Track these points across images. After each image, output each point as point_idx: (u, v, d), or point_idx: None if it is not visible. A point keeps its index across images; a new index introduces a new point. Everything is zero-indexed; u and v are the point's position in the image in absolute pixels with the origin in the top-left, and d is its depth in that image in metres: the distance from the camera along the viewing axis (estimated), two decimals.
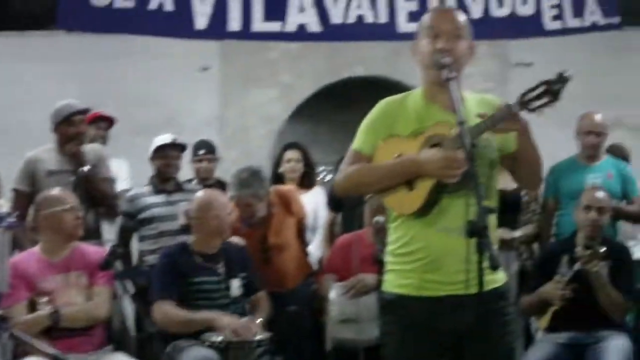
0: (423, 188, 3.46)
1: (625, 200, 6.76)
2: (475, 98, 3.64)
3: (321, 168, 10.36)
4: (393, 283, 3.63)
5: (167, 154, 6.74)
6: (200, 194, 5.83)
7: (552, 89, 3.25)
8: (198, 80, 9.47)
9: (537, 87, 3.29)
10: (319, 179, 9.58)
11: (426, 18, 3.65)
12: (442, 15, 3.69)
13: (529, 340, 6.16)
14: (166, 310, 5.29)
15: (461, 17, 3.65)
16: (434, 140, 3.47)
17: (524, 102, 3.30)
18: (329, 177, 10.07)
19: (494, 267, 3.06)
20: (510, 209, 6.22)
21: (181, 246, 5.68)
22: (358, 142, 3.66)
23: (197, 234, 5.66)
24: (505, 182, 3.98)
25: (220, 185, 7.48)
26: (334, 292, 5.72)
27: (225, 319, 5.19)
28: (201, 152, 7.44)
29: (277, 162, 7.53)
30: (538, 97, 3.27)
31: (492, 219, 3.45)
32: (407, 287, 3.56)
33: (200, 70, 9.47)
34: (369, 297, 5.55)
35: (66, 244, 5.37)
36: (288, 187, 6.76)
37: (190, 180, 7.09)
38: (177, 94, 9.38)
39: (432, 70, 3.51)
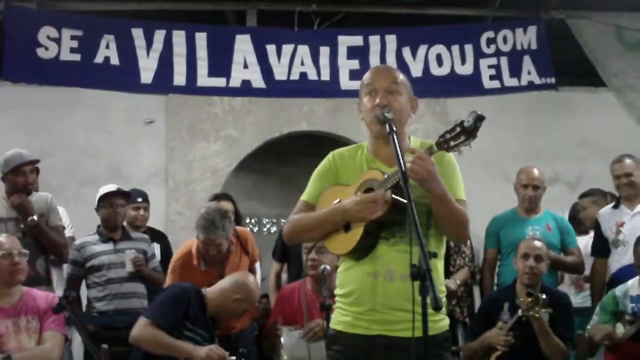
0: (357, 231, 3.61)
1: (563, 251, 6.96)
2: (421, 144, 3.74)
3: (265, 220, 10.50)
4: (335, 320, 3.80)
5: (112, 202, 6.84)
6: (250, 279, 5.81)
7: (467, 128, 3.35)
8: (144, 133, 9.52)
9: (453, 128, 3.42)
10: (264, 229, 9.74)
11: (365, 77, 3.81)
12: (379, 72, 3.85)
13: None
14: (154, 330, 5.30)
15: (398, 74, 3.80)
16: (367, 185, 3.64)
17: (442, 142, 3.43)
18: (273, 230, 10.16)
19: (437, 309, 3.08)
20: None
21: (200, 296, 5.63)
22: (306, 192, 3.84)
23: (218, 308, 5.65)
24: None
25: (152, 233, 7.58)
26: (284, 337, 5.79)
27: (203, 350, 5.25)
28: (139, 199, 7.52)
29: None
30: (455, 137, 3.39)
31: (436, 263, 3.60)
32: (343, 324, 3.73)
33: (145, 123, 9.54)
34: (319, 341, 5.64)
35: (6, 289, 5.39)
36: (244, 228, 6.84)
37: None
38: (123, 146, 9.43)
39: (375, 125, 3.66)
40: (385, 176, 3.55)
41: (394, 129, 3.51)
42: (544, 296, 5.54)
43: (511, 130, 9.75)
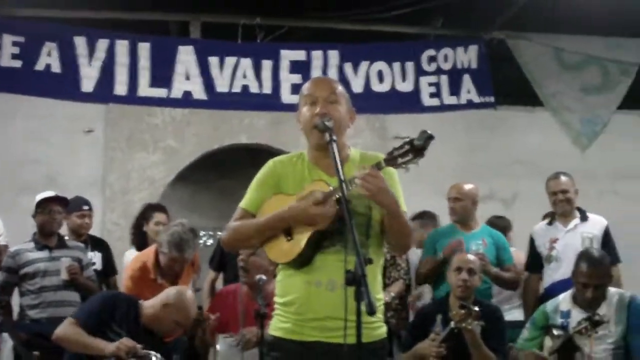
0: (301, 238, 3.66)
1: (499, 267, 7.04)
2: (361, 156, 3.82)
3: (202, 233, 10.45)
4: (274, 326, 3.83)
5: (49, 209, 6.80)
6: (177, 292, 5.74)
7: (416, 146, 3.41)
8: (82, 142, 9.46)
9: (402, 145, 3.47)
10: (200, 242, 9.70)
11: (304, 87, 3.87)
12: (319, 82, 3.94)
13: None
14: (75, 328, 5.28)
15: (337, 85, 3.88)
16: (308, 197, 3.66)
17: (390, 159, 3.49)
18: (209, 242, 10.14)
19: (371, 313, 3.15)
20: None
21: (133, 304, 5.62)
22: (245, 200, 3.86)
23: (154, 322, 5.60)
24: None
25: (93, 241, 7.54)
26: (219, 344, 5.80)
27: (112, 346, 5.23)
28: (85, 207, 7.47)
29: (141, 221, 7.60)
30: (403, 154, 3.45)
31: (375, 271, 3.66)
32: (283, 331, 3.76)
33: (84, 132, 9.49)
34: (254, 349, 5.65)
35: None
36: None
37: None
38: (60, 154, 9.36)
39: (315, 134, 3.72)
40: (331, 188, 3.58)
41: (334, 137, 3.59)
42: (476, 308, 5.58)
43: (449, 147, 9.85)
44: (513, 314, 7.37)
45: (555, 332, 5.71)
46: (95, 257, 7.46)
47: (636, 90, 10.73)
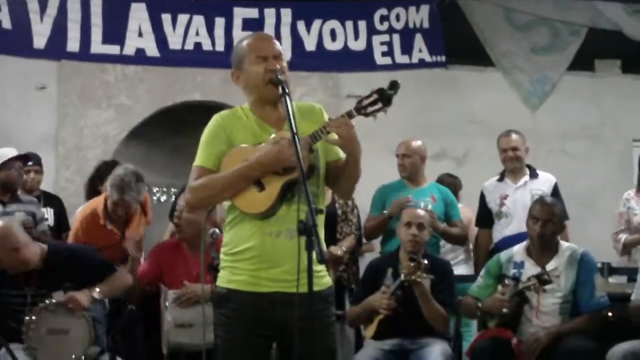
0: (273, 189, 3.72)
1: (447, 222, 7.16)
2: (297, 108, 3.84)
3: (155, 189, 10.49)
4: (225, 279, 3.86)
5: (11, 166, 6.78)
6: None
7: (384, 96, 3.61)
8: (35, 99, 9.42)
9: (371, 94, 3.65)
10: (154, 198, 9.75)
11: (248, 44, 3.91)
12: (264, 39, 3.99)
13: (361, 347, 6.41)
14: None
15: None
16: (277, 140, 3.73)
17: (360, 108, 3.64)
18: (163, 199, 10.17)
19: (322, 262, 3.33)
20: (327, 224, 6.49)
21: None
22: (200, 157, 3.86)
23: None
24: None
25: (46, 197, 7.55)
26: (168, 299, 5.85)
27: None
28: (30, 163, 7.45)
29: (96, 179, 7.62)
30: (372, 103, 3.62)
31: (321, 219, 3.74)
32: (238, 283, 3.80)
33: (37, 88, 9.45)
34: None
35: None
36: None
37: None
38: (13, 111, 9.30)
39: (268, 89, 3.78)
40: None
41: (287, 90, 3.68)
42: (425, 262, 5.70)
43: (401, 106, 9.71)
44: (459, 268, 7.51)
45: (507, 281, 5.83)
46: (47, 213, 7.46)
47: (586, 51, 10.86)
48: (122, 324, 4.92)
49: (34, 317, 5.32)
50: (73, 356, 5.32)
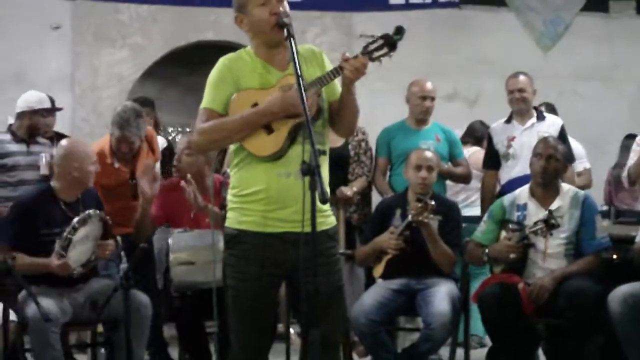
0: (282, 132, 3.82)
1: (451, 162, 7.28)
2: (301, 52, 3.90)
3: (170, 129, 10.60)
4: (235, 220, 3.96)
5: (38, 111, 6.86)
6: (64, 142, 5.95)
7: (390, 41, 3.71)
8: (49, 39, 9.49)
9: (377, 39, 3.75)
10: (170, 138, 9.85)
11: None
12: None
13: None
14: (10, 254, 5.31)
15: None
16: (287, 89, 3.83)
17: (367, 52, 3.73)
18: (178, 138, 10.27)
19: (324, 202, 3.48)
20: (339, 166, 6.59)
21: (41, 192, 5.77)
22: (208, 100, 3.94)
23: (59, 182, 5.76)
24: (332, 140, 4.28)
25: (59, 137, 7.62)
26: (173, 238, 5.94)
27: (54, 265, 5.42)
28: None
29: None
30: (378, 48, 3.72)
31: (324, 159, 3.85)
32: (248, 224, 3.91)
33: (51, 28, 9.51)
34: (205, 241, 5.79)
35: None
36: (150, 128, 6.94)
37: None
38: (28, 51, 9.37)
39: (274, 32, 3.85)
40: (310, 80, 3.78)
41: (292, 33, 3.76)
42: (432, 203, 5.77)
43: (413, 46, 9.85)
44: (471, 210, 7.60)
45: (511, 226, 5.91)
46: None
47: None
48: (136, 262, 5.01)
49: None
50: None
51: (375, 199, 7.31)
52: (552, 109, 8.15)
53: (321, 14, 10.01)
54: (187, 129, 10.26)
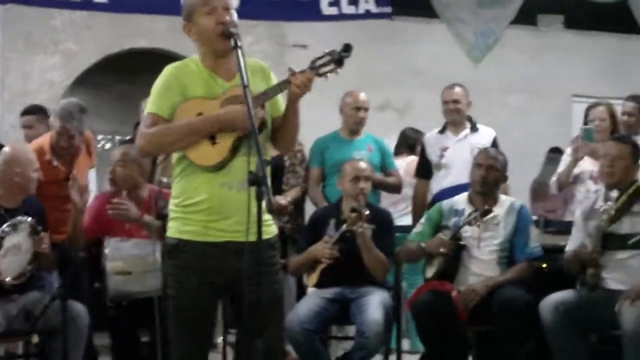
0: (226, 142, 3.84)
1: (383, 172, 7.40)
2: (249, 64, 3.89)
3: (100, 137, 10.54)
4: (176, 229, 3.97)
5: None
6: (6, 149, 5.91)
7: (338, 57, 3.78)
8: None
9: (324, 55, 3.82)
10: (99, 145, 9.79)
11: None
12: None
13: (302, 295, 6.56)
14: None
15: None
16: (234, 101, 3.85)
17: (314, 68, 3.79)
18: (108, 146, 10.22)
19: (270, 212, 3.56)
20: (273, 176, 6.62)
21: None
22: (154, 105, 3.94)
23: (1, 188, 5.72)
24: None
25: None
26: (110, 248, 5.91)
27: None
28: None
29: None
30: (325, 64, 3.79)
31: (268, 170, 3.89)
32: (189, 233, 3.92)
33: None
34: (142, 251, 5.78)
35: None
36: (88, 131, 6.90)
37: None
38: None
39: (220, 41, 3.87)
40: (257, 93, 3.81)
41: (239, 43, 3.77)
42: (367, 212, 5.85)
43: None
44: (407, 219, 7.69)
45: (446, 231, 6.03)
46: None
47: (529, 6, 11.01)
48: (73, 271, 4.99)
49: None
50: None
51: (309, 209, 7.36)
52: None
53: (255, 22, 10.02)
54: (118, 137, 10.21)
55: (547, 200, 8.75)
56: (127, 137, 8.73)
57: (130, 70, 9.90)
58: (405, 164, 7.96)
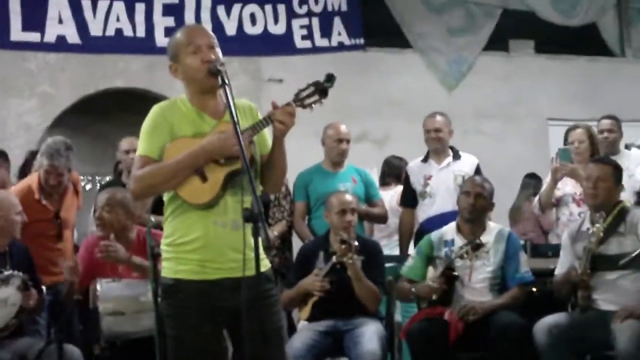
0: (217, 180, 3.84)
1: (368, 203, 7.40)
2: (237, 104, 3.89)
3: (80, 178, 10.48)
4: (172, 270, 3.94)
5: None
6: None
7: (321, 87, 3.79)
8: None
9: (308, 87, 3.83)
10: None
11: (181, 37, 4.00)
12: (197, 30, 4.12)
13: (292, 330, 6.56)
14: None
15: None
16: (223, 131, 3.85)
17: (299, 100, 3.81)
18: (88, 187, 10.18)
19: (268, 247, 3.56)
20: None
21: None
22: (143, 147, 3.93)
23: None
24: None
25: None
26: (101, 288, 5.88)
27: None
28: None
29: (25, 169, 7.65)
30: (309, 95, 3.80)
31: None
32: (185, 272, 3.90)
33: None
34: (134, 291, 5.76)
35: None
36: (75, 172, 6.92)
37: None
38: None
39: (207, 80, 3.87)
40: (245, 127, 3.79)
41: (226, 80, 3.79)
42: (356, 243, 5.85)
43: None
44: (397, 250, 7.71)
45: (438, 261, 6.06)
46: None
47: (500, 32, 11.15)
48: (67, 315, 4.96)
49: None
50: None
51: (296, 242, 7.36)
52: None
53: (229, 58, 9.84)
54: (97, 178, 10.19)
55: (519, 223, 8.87)
56: (108, 178, 8.72)
57: (107, 111, 9.90)
58: (396, 194, 7.97)
